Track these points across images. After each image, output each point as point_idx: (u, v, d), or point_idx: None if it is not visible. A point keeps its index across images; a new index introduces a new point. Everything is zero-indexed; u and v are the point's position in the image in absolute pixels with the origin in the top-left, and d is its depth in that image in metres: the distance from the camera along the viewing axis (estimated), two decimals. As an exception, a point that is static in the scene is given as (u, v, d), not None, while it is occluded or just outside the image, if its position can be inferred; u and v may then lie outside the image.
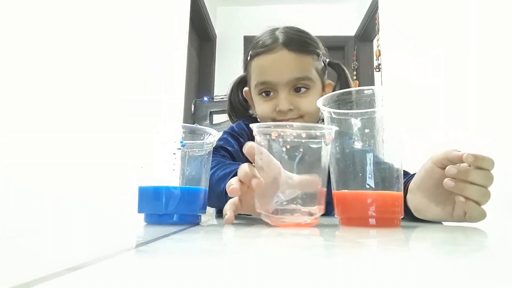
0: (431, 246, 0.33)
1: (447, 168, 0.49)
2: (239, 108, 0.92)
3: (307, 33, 0.83)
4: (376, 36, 2.72)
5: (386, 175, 0.46)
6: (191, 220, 0.47)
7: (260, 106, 0.82)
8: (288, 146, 0.43)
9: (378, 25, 2.58)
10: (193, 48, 3.03)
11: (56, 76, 1.12)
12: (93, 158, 1.22)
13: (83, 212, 0.76)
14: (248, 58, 0.85)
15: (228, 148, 0.80)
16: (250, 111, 0.92)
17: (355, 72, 3.16)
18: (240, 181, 0.46)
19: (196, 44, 3.19)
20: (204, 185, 0.49)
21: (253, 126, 0.45)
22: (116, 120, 1.43)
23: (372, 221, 0.44)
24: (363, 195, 0.45)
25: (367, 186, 0.45)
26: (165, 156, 0.48)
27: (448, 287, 0.16)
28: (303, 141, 0.43)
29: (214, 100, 2.79)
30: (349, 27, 3.33)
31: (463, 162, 0.48)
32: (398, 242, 0.35)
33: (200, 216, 0.49)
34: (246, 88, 0.89)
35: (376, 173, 0.45)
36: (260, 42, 0.82)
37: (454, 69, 1.47)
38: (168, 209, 0.45)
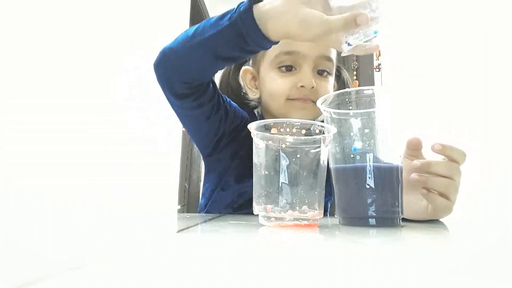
0: (431, 246, 0.33)
1: (412, 162, 0.48)
2: (232, 91, 0.82)
3: None
4: (376, 36, 2.71)
5: (386, 175, 0.46)
6: None
7: (275, 81, 0.73)
8: (286, 150, 0.43)
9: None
10: (193, 48, 3.02)
11: (57, 76, 1.11)
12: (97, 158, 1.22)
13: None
14: None
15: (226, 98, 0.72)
16: (247, 96, 0.82)
17: (355, 72, 3.15)
18: None
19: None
20: None
21: (251, 125, 0.45)
22: (117, 120, 1.43)
23: (372, 221, 0.44)
24: (363, 195, 0.45)
25: (367, 186, 0.45)
26: None
27: (447, 287, 0.16)
28: (301, 146, 0.43)
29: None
30: (349, 27, 3.31)
31: (419, 149, 0.48)
32: (398, 242, 0.35)
33: None
34: (245, 67, 0.80)
35: (376, 173, 0.45)
36: None
37: (454, 68, 1.47)
38: None
